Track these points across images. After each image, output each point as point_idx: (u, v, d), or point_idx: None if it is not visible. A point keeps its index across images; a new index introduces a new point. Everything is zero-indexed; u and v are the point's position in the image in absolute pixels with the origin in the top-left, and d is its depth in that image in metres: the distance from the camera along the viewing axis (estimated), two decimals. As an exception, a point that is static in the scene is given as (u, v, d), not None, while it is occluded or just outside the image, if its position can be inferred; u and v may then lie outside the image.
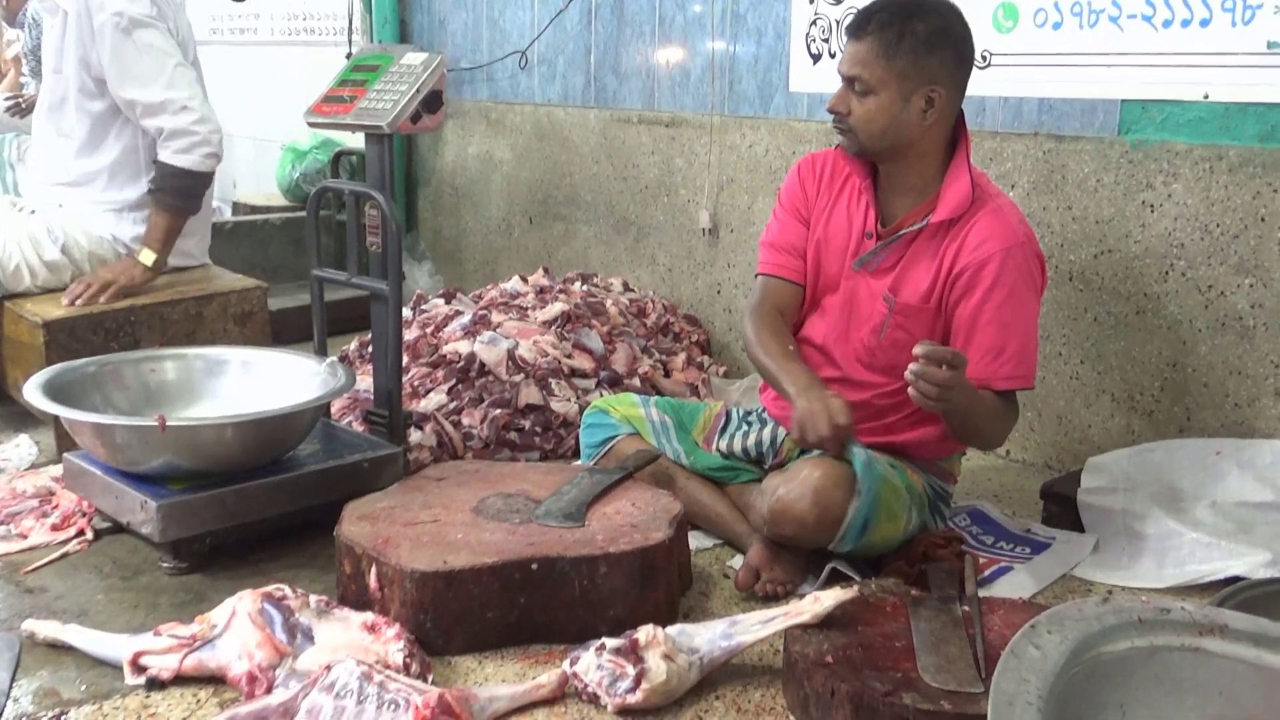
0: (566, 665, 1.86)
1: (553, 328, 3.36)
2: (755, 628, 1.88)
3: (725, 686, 1.89)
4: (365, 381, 2.93)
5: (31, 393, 2.37)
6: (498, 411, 2.98)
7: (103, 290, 3.03)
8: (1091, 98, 2.77)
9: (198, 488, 2.27)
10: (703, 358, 3.59)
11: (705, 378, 3.42)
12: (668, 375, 3.39)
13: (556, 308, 3.45)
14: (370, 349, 2.72)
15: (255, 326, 3.27)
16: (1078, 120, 2.81)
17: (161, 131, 3.07)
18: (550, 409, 3.04)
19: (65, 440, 2.66)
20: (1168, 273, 2.68)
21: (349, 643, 1.86)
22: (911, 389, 1.99)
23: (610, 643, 1.84)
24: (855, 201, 2.38)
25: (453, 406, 3.02)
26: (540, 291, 3.67)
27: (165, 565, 2.28)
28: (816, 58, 3.34)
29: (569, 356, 3.24)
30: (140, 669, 1.86)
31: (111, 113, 3.13)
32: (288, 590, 1.95)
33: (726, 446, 2.51)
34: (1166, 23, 2.61)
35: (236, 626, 1.87)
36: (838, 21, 3.24)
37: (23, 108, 5.04)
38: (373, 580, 2.03)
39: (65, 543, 2.39)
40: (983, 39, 2.92)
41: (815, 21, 3.32)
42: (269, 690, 1.79)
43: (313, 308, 2.72)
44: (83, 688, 1.86)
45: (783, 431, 2.46)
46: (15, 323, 3.02)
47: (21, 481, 2.67)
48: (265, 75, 5.73)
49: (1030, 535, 2.51)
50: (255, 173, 5.88)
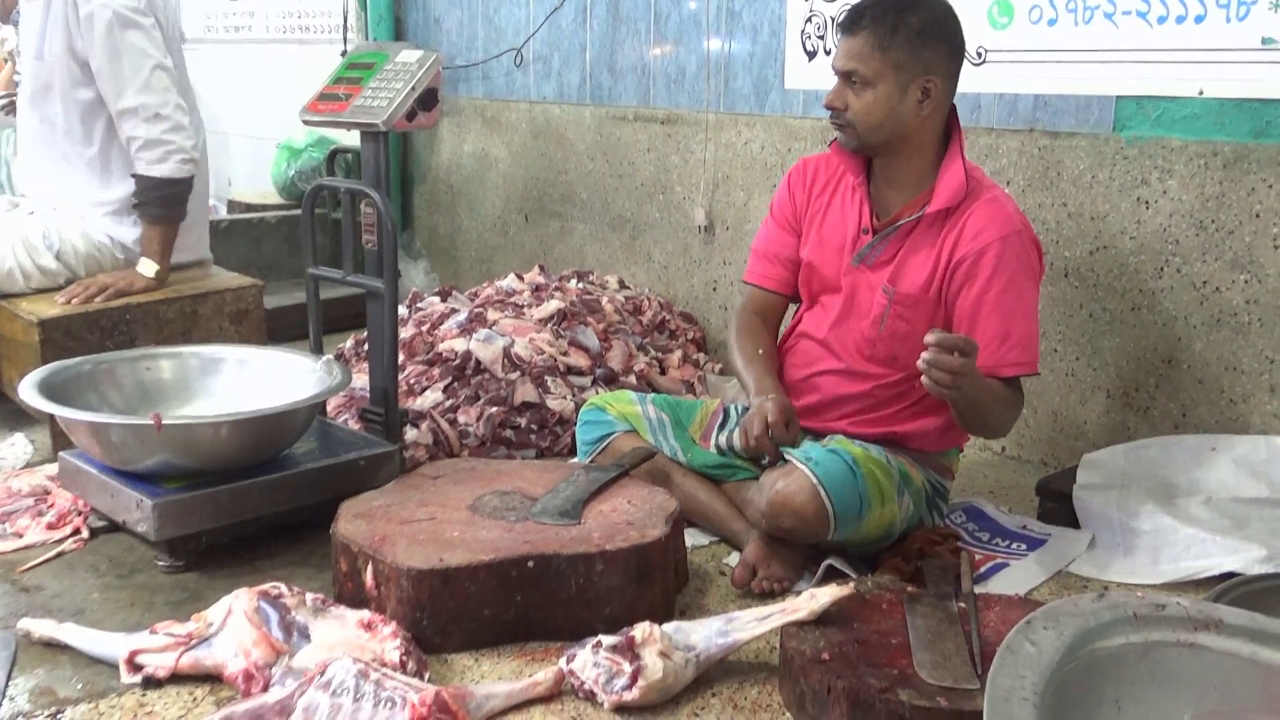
0: (563, 663, 1.86)
1: (548, 325, 3.36)
2: (751, 625, 1.88)
3: (722, 684, 1.89)
4: (361, 379, 2.92)
5: (27, 391, 2.36)
6: (494, 409, 2.98)
7: (100, 293, 3.02)
8: (1086, 94, 2.78)
9: (193, 486, 2.26)
10: (698, 355, 3.59)
11: (701, 375, 3.42)
12: (663, 372, 3.39)
13: (552, 305, 3.45)
14: (366, 347, 2.72)
15: (251, 325, 3.27)
16: (1073, 116, 2.82)
17: (132, 142, 3.05)
18: (546, 407, 3.04)
19: (60, 439, 2.66)
20: (1163, 269, 2.69)
21: (345, 641, 1.86)
22: (924, 378, 1.99)
23: (607, 640, 1.84)
24: (850, 200, 2.40)
25: (449, 404, 3.02)
26: (536, 289, 3.67)
27: (161, 564, 2.28)
28: (812, 54, 3.33)
29: (565, 354, 3.24)
30: (136, 667, 1.86)
31: (100, 101, 3.10)
32: (284, 588, 1.95)
33: (726, 442, 2.51)
34: (1161, 19, 2.61)
35: (233, 625, 1.87)
36: (832, 18, 3.23)
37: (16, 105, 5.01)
38: (369, 578, 2.03)
39: (61, 541, 2.39)
40: (978, 35, 2.93)
41: (810, 18, 3.32)
42: (265, 688, 1.79)
43: (308, 306, 2.71)
44: (79, 686, 1.86)
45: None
46: (10, 321, 3.02)
47: (17, 480, 2.66)
48: (260, 73, 5.72)
49: (1026, 532, 2.51)
50: (250, 171, 5.87)
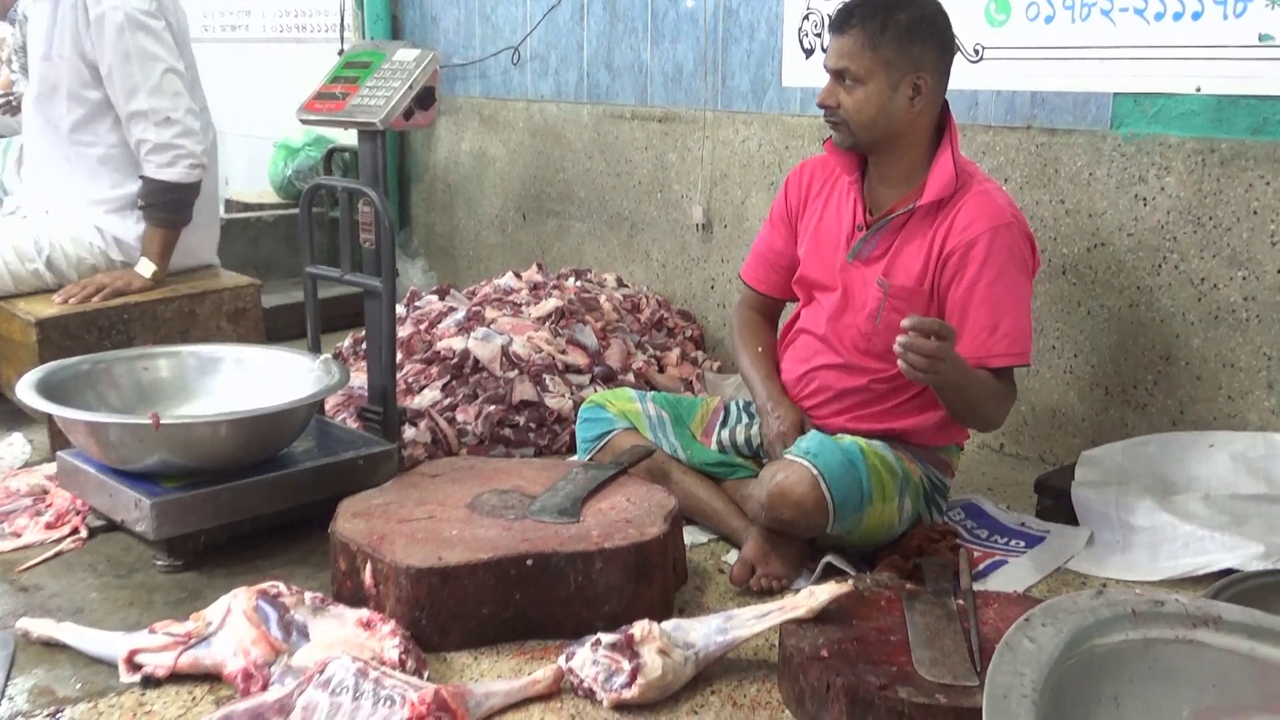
0: (562, 661, 1.86)
1: (547, 324, 3.36)
2: (750, 623, 1.89)
3: (721, 681, 1.89)
4: (359, 378, 2.92)
5: (25, 391, 2.36)
6: (492, 408, 2.98)
7: (97, 292, 3.02)
8: (1084, 91, 2.78)
9: (192, 485, 2.26)
10: (696, 353, 3.59)
11: (699, 373, 3.42)
12: (662, 370, 3.39)
13: (550, 304, 3.45)
14: (364, 346, 2.72)
15: (249, 324, 3.26)
16: (1070, 113, 2.82)
17: (142, 144, 3.05)
18: (544, 405, 3.04)
19: (59, 438, 2.66)
20: (1160, 266, 2.69)
21: (344, 639, 1.86)
22: (900, 360, 2.01)
23: (606, 638, 1.84)
24: (845, 199, 2.42)
25: (447, 403, 3.01)
26: (534, 287, 3.67)
27: (160, 563, 2.28)
28: (809, 52, 3.33)
29: (563, 352, 3.24)
30: (135, 667, 1.86)
31: (108, 102, 3.09)
32: (283, 587, 1.95)
33: (729, 438, 2.52)
34: (1159, 15, 2.61)
35: (232, 624, 1.87)
36: (829, 16, 3.22)
37: (13, 105, 5.00)
38: (368, 577, 2.03)
39: (59, 541, 2.39)
40: (975, 32, 2.93)
41: (808, 16, 3.32)
42: (264, 687, 1.79)
43: (306, 305, 2.71)
44: (78, 686, 1.86)
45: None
46: (8, 321, 3.01)
47: (15, 480, 2.66)
48: (257, 72, 5.71)
49: (1024, 529, 2.51)
50: (248, 170, 5.86)
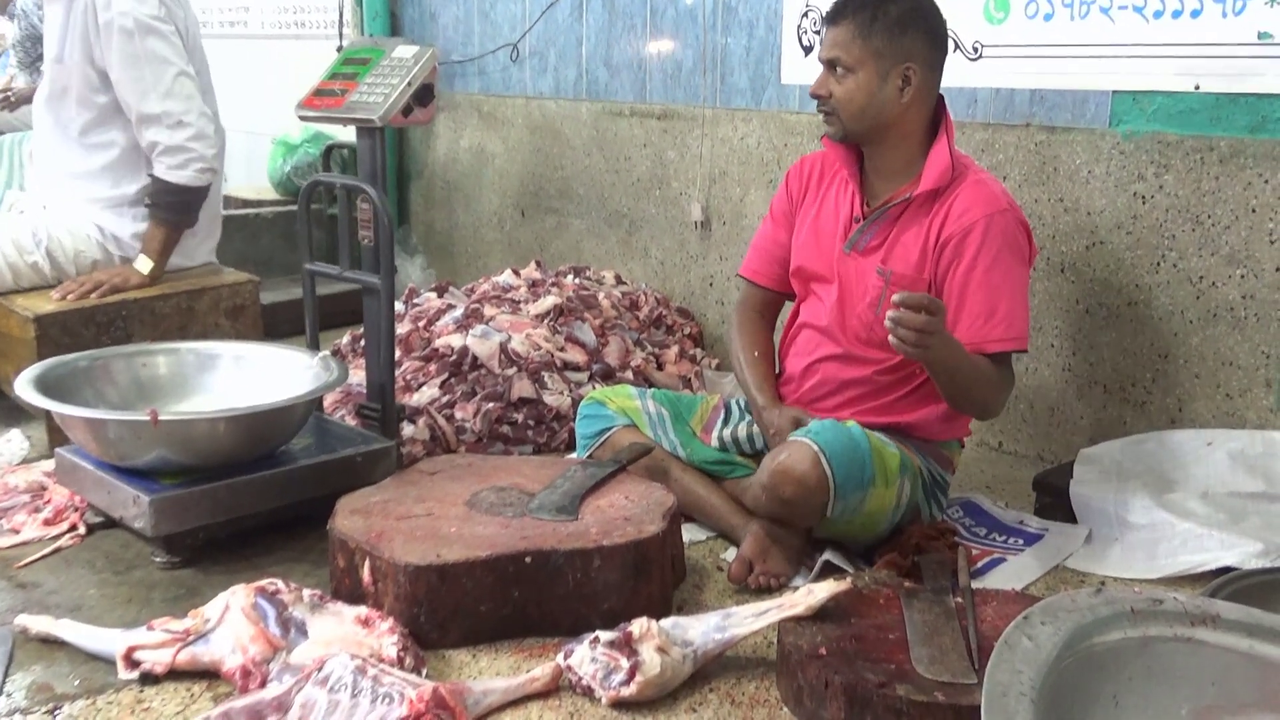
0: (560, 658, 1.86)
1: (545, 321, 3.36)
2: (749, 620, 1.88)
3: (719, 679, 1.89)
4: (357, 375, 2.92)
5: (23, 387, 2.36)
6: (490, 405, 2.98)
7: (95, 289, 3.02)
8: (1083, 89, 2.77)
9: (190, 482, 2.26)
10: (695, 350, 3.59)
11: (698, 370, 3.42)
12: (660, 368, 3.39)
13: (549, 301, 3.44)
14: (362, 343, 2.72)
15: (247, 321, 3.26)
16: (1069, 111, 2.82)
17: (154, 146, 3.04)
18: (543, 402, 3.04)
19: (57, 435, 2.65)
20: (1159, 264, 2.69)
21: (343, 637, 1.86)
22: (891, 336, 2.03)
23: (604, 636, 1.84)
24: (843, 192, 2.44)
25: (445, 400, 3.01)
26: (532, 285, 3.67)
27: (158, 560, 2.28)
28: (808, 49, 3.33)
29: (561, 350, 3.24)
30: (134, 664, 1.86)
31: (116, 106, 3.09)
32: (281, 584, 1.95)
33: (730, 435, 2.52)
34: (1157, 13, 2.61)
35: (230, 621, 1.87)
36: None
37: (12, 101, 4.99)
38: (366, 574, 2.03)
39: (57, 538, 2.39)
40: (974, 30, 2.93)
41: (806, 13, 3.32)
42: (263, 684, 1.79)
43: (305, 302, 2.71)
44: (76, 683, 1.86)
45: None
46: (6, 317, 3.01)
47: (13, 476, 2.66)
48: (256, 68, 5.69)
49: (1023, 527, 2.51)
50: (246, 166, 5.84)
